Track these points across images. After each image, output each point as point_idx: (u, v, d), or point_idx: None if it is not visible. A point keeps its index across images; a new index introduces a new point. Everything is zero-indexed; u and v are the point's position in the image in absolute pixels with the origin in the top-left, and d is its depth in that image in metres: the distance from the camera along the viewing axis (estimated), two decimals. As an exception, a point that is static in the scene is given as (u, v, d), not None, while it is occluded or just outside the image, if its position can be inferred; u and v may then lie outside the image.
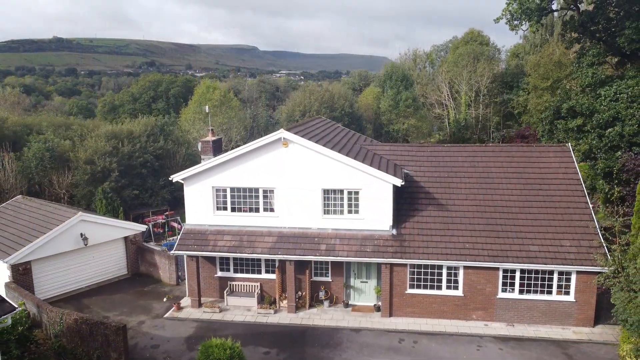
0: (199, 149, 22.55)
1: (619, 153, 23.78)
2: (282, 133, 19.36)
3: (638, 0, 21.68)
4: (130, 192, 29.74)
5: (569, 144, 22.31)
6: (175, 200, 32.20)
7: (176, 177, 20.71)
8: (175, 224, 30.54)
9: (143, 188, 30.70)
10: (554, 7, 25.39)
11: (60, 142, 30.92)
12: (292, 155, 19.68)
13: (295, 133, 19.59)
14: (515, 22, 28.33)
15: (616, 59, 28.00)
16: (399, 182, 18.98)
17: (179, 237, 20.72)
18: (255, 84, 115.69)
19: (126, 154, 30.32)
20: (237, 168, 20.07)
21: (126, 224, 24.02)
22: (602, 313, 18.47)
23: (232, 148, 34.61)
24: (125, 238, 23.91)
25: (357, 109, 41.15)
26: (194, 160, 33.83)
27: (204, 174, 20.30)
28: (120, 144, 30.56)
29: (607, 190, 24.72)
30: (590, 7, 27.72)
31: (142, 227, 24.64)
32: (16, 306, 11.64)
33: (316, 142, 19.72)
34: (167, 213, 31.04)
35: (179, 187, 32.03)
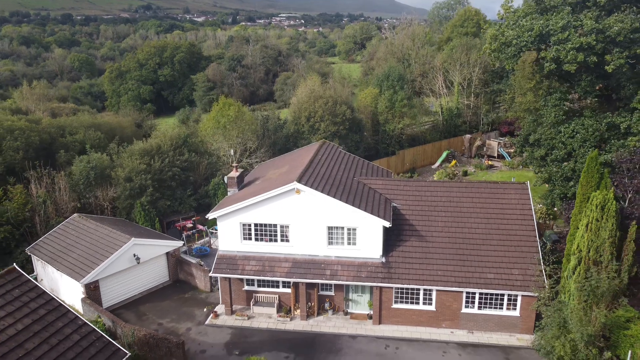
0: (225, 182, 27.73)
1: (572, 183, 28.78)
2: (295, 185, 24.39)
3: (590, 55, 25.69)
4: (163, 203, 35.00)
5: (527, 182, 27.36)
6: (200, 206, 37.51)
7: (212, 215, 25.93)
8: (201, 227, 36.04)
9: (173, 198, 35.92)
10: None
11: (100, 157, 35.76)
12: (303, 200, 24.81)
13: (305, 183, 24.58)
14: (497, 55, 32.49)
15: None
16: (387, 224, 24.24)
17: (215, 261, 26.21)
18: (258, 50, 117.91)
19: (157, 170, 35.33)
20: (260, 209, 25.26)
21: (167, 242, 29.46)
22: (542, 320, 24.21)
23: (248, 157, 39.77)
24: (167, 253, 29.49)
25: (356, 113, 45.50)
26: (215, 168, 38.86)
27: (234, 213, 25.52)
28: (151, 160, 35.50)
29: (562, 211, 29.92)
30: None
31: (179, 243, 30.12)
32: (127, 352, 17.18)
33: (322, 188, 24.79)
34: (194, 218, 36.41)
35: (203, 195, 37.58)
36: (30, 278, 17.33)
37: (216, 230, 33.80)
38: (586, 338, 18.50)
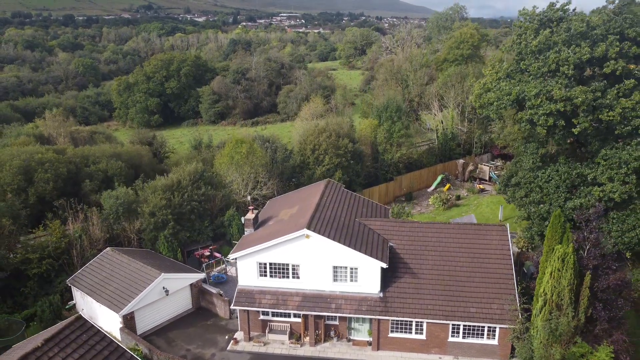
0: (243, 222, 31.73)
1: (547, 222, 32.68)
2: (305, 231, 28.31)
3: (559, 119, 29.52)
4: (183, 235, 38.92)
5: (507, 224, 31.30)
6: (216, 236, 41.44)
7: (232, 256, 29.89)
8: (217, 254, 40.01)
9: (192, 229, 39.81)
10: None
11: (127, 192, 39.64)
12: (312, 243, 28.74)
13: (313, 229, 28.44)
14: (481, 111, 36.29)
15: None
16: (384, 265, 28.18)
17: (235, 295, 30.12)
18: (261, 63, 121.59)
19: (177, 204, 39.24)
20: (274, 250, 29.20)
21: (191, 275, 33.41)
22: (515, 351, 28.21)
23: (259, 189, 43.67)
24: (191, 284, 33.46)
25: (357, 144, 49.39)
26: (229, 201, 42.72)
27: (251, 254, 29.45)
28: (172, 195, 39.40)
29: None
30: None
31: (201, 275, 34.09)
32: None
33: (328, 233, 28.70)
34: (211, 247, 40.36)
35: (218, 226, 41.47)
36: (93, 324, 21.31)
37: (232, 259, 37.84)
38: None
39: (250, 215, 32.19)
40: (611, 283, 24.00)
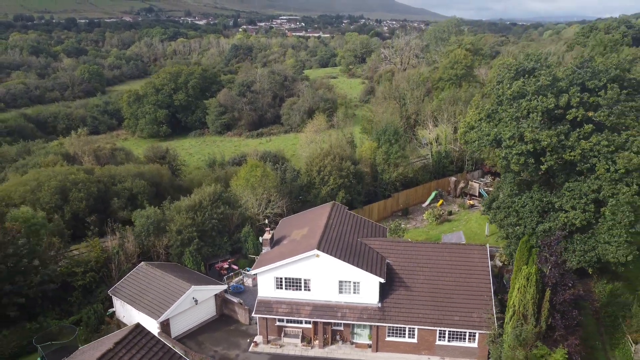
0: (260, 241, 37.14)
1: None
2: (315, 252, 33.62)
3: (529, 157, 34.86)
4: (206, 250, 44.27)
5: (487, 245, 36.66)
6: (234, 250, 46.79)
7: (253, 272, 35.22)
8: (235, 267, 45.33)
9: (213, 244, 45.12)
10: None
11: (156, 212, 44.93)
12: (321, 262, 34.04)
13: (322, 250, 33.74)
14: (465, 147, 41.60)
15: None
16: (382, 281, 33.51)
17: (255, 304, 35.41)
18: (266, 76, 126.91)
19: (200, 222, 44.54)
20: (289, 267, 34.51)
21: (215, 286, 38.69)
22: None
23: (272, 207, 48.97)
24: (216, 294, 38.77)
25: (358, 165, 54.80)
26: (244, 218, 48.02)
27: (269, 271, 34.75)
28: (195, 215, 44.69)
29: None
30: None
31: (224, 287, 39.40)
32: None
33: (335, 252, 34.01)
34: (229, 260, 45.69)
35: (236, 241, 46.77)
36: (148, 330, 26.62)
37: (248, 270, 43.23)
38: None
39: (267, 236, 37.54)
40: (567, 297, 29.34)
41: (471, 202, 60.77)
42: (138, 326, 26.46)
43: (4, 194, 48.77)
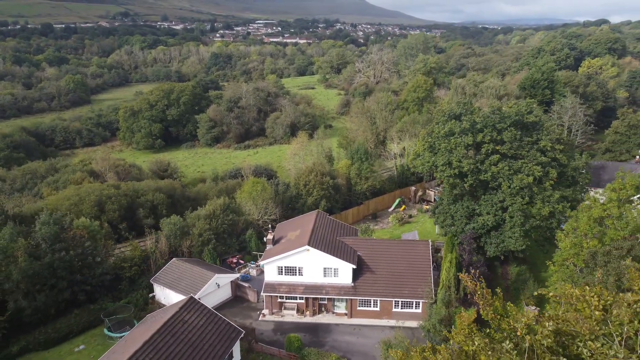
0: (265, 241, 50.76)
1: (456, 238, 52.34)
2: (306, 247, 47.20)
3: (457, 179, 49.40)
4: (220, 248, 57.47)
5: (430, 240, 50.90)
6: (240, 248, 60.07)
7: (261, 262, 48.66)
8: (242, 261, 58.66)
9: (225, 244, 58.32)
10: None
11: (179, 219, 57.84)
12: (311, 254, 47.66)
13: (312, 245, 47.36)
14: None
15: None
16: (354, 266, 47.36)
17: (263, 286, 48.84)
18: (251, 92, 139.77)
19: (214, 227, 57.68)
20: (287, 259, 48.03)
21: (231, 275, 51.97)
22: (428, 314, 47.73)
23: (270, 215, 62.50)
24: (231, 281, 52.04)
25: (336, 179, 68.68)
26: (247, 223, 61.36)
27: (274, 261, 48.22)
28: (211, 221, 57.78)
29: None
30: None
31: (237, 275, 52.71)
32: (242, 330, 39.64)
33: (321, 247, 47.65)
34: (238, 256, 58.97)
35: (242, 242, 60.16)
36: (198, 299, 39.87)
37: (253, 264, 56.61)
38: (438, 321, 41.85)
39: (269, 236, 51.04)
40: (476, 273, 43.61)
41: (427, 207, 75.24)
42: (191, 298, 39.68)
43: (52, 207, 60.96)
